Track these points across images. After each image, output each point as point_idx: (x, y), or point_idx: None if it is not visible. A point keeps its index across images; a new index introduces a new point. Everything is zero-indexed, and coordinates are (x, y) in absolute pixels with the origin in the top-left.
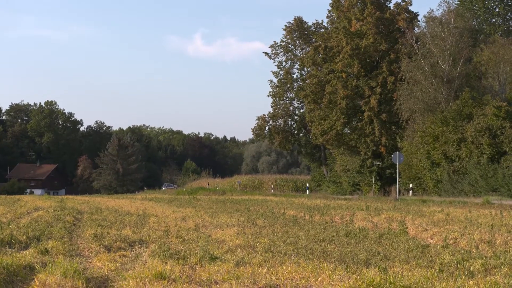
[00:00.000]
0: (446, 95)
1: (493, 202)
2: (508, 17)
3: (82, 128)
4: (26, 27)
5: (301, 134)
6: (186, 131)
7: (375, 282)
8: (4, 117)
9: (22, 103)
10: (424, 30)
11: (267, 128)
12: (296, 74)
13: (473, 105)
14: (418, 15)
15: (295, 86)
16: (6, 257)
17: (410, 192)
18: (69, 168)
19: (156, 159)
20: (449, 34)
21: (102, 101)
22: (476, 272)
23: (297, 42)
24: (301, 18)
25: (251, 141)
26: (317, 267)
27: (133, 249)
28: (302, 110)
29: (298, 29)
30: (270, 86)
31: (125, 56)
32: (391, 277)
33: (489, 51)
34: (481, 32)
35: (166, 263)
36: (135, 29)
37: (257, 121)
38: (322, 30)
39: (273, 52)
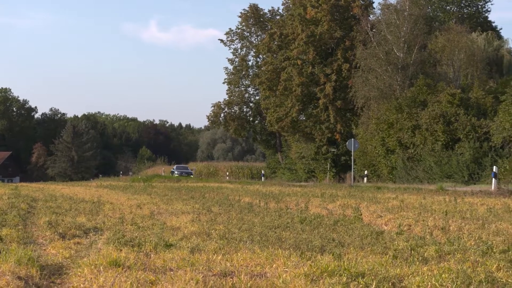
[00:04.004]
0: (401, 82)
1: (447, 188)
2: (462, 4)
3: (37, 115)
4: None
5: (257, 121)
6: (141, 118)
7: (329, 268)
8: None
9: None
10: (379, 17)
11: (222, 115)
12: (251, 61)
13: (427, 92)
14: (373, 2)
15: (251, 73)
16: None
17: (365, 179)
18: (24, 155)
19: (111, 147)
20: (404, 22)
21: (57, 88)
22: (430, 258)
23: (253, 29)
24: (257, 5)
25: (207, 128)
26: (272, 254)
27: (88, 237)
28: (257, 97)
29: (253, 16)
30: (226, 73)
31: (80, 42)
32: (346, 263)
33: (444, 39)
34: (436, 19)
35: (120, 250)
36: (89, 15)
37: (213, 108)
38: (278, 17)
39: (229, 39)
